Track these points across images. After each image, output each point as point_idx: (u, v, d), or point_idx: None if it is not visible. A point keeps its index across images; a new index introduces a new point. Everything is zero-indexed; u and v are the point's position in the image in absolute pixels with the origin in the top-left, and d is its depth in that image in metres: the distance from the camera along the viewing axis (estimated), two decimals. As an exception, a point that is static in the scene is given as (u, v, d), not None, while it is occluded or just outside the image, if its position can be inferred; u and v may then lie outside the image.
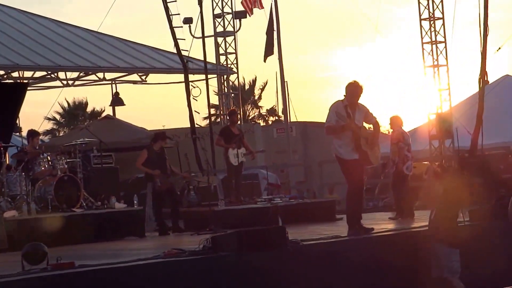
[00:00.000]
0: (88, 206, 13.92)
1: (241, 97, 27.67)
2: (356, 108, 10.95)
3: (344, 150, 10.89)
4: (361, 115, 11.00)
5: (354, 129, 10.76)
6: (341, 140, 10.90)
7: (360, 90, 10.99)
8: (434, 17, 22.12)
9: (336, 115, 10.75)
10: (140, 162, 14.47)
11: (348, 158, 10.87)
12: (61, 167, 13.80)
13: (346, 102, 10.90)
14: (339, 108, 10.83)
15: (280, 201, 15.56)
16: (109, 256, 9.75)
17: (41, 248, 8.87)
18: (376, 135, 11.23)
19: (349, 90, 10.94)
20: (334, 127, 10.81)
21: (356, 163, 10.88)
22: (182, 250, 9.33)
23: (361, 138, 10.84)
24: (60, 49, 21.45)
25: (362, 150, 10.85)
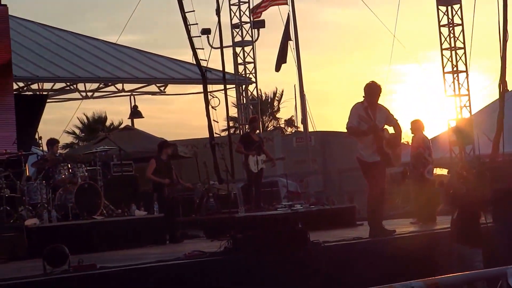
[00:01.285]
0: (108, 213, 13.92)
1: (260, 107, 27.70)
2: (377, 109, 10.91)
3: (365, 152, 10.85)
4: (382, 116, 10.96)
5: (376, 131, 10.71)
6: (362, 143, 10.87)
7: (379, 90, 10.94)
8: (453, 23, 22.08)
9: (359, 118, 10.69)
10: (150, 172, 14.60)
11: (370, 160, 10.82)
12: (82, 174, 13.82)
13: (366, 103, 10.84)
14: (360, 111, 10.77)
15: (300, 207, 15.51)
16: (129, 260, 9.75)
17: (62, 250, 8.88)
18: (398, 137, 11.18)
19: (367, 91, 10.88)
20: (356, 130, 10.76)
21: (377, 165, 10.84)
22: (203, 252, 9.32)
23: (383, 140, 10.79)
24: (79, 61, 21.55)
25: (384, 152, 10.80)
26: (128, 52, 23.46)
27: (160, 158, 14.73)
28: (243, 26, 23.77)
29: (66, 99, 23.61)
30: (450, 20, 22.08)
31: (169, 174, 14.62)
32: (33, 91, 21.37)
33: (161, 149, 14.87)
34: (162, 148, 14.86)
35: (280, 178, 19.89)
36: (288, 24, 24.83)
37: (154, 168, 14.53)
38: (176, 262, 8.78)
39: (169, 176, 14.59)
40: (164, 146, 14.93)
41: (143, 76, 22.29)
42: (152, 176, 14.54)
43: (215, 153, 19.55)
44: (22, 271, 9.44)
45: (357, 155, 10.94)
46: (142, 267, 8.56)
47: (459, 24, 22.10)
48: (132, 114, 24.54)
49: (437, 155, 19.91)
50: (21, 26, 22.40)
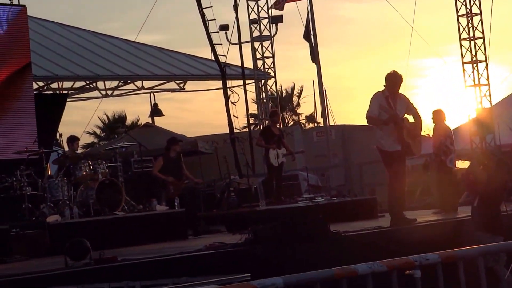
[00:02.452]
0: (129, 209, 13.97)
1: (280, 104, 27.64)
2: (397, 99, 10.93)
3: (385, 141, 10.86)
4: (403, 105, 10.97)
5: (397, 120, 10.71)
6: (383, 132, 10.87)
7: (400, 79, 10.96)
8: (472, 13, 21.96)
9: (380, 107, 10.72)
10: (156, 169, 14.78)
11: (390, 149, 10.83)
12: (102, 171, 13.87)
13: (387, 92, 10.88)
14: (381, 100, 10.81)
15: (321, 199, 15.50)
16: (151, 253, 9.79)
17: (83, 244, 8.93)
18: (418, 126, 11.17)
19: (389, 80, 10.91)
20: (376, 119, 10.77)
21: (398, 154, 10.83)
22: (224, 243, 9.34)
23: (403, 129, 10.79)
24: (98, 59, 21.63)
25: (404, 141, 10.79)
26: (147, 49, 23.52)
27: (168, 156, 14.83)
28: (261, 21, 23.75)
29: (86, 97, 23.70)
30: (468, 10, 21.96)
31: (178, 171, 14.71)
32: (53, 90, 21.47)
33: (169, 146, 14.97)
34: (171, 145, 14.94)
35: (301, 172, 19.85)
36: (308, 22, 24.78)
37: (162, 165, 14.68)
38: (197, 253, 8.80)
39: (178, 173, 14.65)
40: (172, 143, 15.01)
41: (162, 73, 22.33)
42: (158, 174, 14.73)
43: (235, 147, 19.56)
44: (44, 266, 9.51)
45: (377, 144, 10.96)
46: (163, 259, 8.59)
47: (477, 14, 21.98)
48: (152, 112, 24.57)
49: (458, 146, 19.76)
50: (40, 26, 22.50)
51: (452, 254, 4.90)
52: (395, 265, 4.69)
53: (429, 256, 4.76)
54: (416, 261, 4.72)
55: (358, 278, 4.45)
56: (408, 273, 4.65)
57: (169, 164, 14.74)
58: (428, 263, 4.72)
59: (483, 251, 4.91)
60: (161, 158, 14.92)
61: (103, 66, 21.30)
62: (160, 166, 14.75)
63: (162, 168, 14.73)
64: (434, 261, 4.75)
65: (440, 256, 4.81)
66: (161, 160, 14.82)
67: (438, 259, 4.77)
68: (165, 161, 14.79)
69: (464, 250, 4.99)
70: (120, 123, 39.17)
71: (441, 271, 4.81)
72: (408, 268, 4.69)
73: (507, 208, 11.06)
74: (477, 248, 4.97)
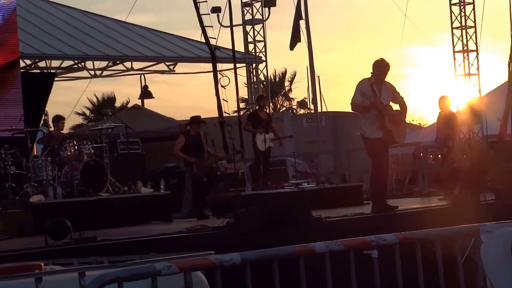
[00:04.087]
0: (114, 191, 13.90)
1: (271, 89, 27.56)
2: (383, 86, 10.94)
3: (368, 128, 10.88)
4: (388, 93, 10.99)
5: (378, 107, 10.71)
6: (366, 119, 10.90)
7: (387, 67, 10.99)
8: (465, 2, 21.89)
9: (361, 94, 10.73)
10: (178, 148, 14.46)
11: (372, 136, 10.85)
12: (87, 152, 13.78)
13: (373, 80, 10.89)
14: (365, 87, 10.82)
15: (308, 185, 15.47)
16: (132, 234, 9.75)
17: (64, 223, 8.89)
18: (403, 114, 11.19)
19: (376, 68, 10.94)
20: (359, 105, 10.80)
21: (380, 141, 10.85)
22: (206, 226, 9.31)
23: (385, 116, 10.79)
24: (87, 39, 21.44)
25: (387, 129, 10.82)
26: (137, 30, 23.34)
27: (189, 134, 14.61)
28: (254, 4, 23.62)
29: (75, 77, 23.52)
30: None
31: (199, 150, 14.50)
32: (40, 69, 21.31)
33: (191, 124, 14.73)
34: (192, 123, 14.71)
35: (288, 157, 19.81)
36: (299, 3, 24.68)
37: (183, 144, 14.43)
38: (177, 235, 8.76)
39: (199, 152, 14.47)
40: (195, 122, 14.75)
41: (152, 54, 22.17)
42: (179, 153, 14.47)
43: (224, 131, 19.48)
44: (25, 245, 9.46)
45: (360, 131, 11.02)
46: (143, 239, 8.55)
47: (470, 3, 21.90)
48: (143, 94, 24.48)
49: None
50: (29, 3, 22.26)
51: (409, 235, 4.94)
52: (352, 244, 4.70)
53: (386, 236, 4.81)
54: (373, 241, 4.75)
55: (317, 257, 4.46)
56: (365, 252, 4.68)
57: (190, 143, 14.46)
58: (385, 244, 4.73)
59: (440, 234, 4.93)
60: (182, 136, 14.64)
61: (92, 45, 21.12)
62: (181, 145, 14.45)
63: (183, 146, 14.46)
64: (392, 242, 4.79)
65: (398, 237, 4.84)
66: (182, 139, 14.55)
67: (395, 240, 4.81)
68: (186, 139, 14.52)
69: (421, 232, 5.03)
70: (109, 104, 39.00)
71: (398, 251, 4.84)
72: (366, 248, 4.71)
73: (486, 198, 11.05)
74: (434, 231, 5.00)
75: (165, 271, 3.93)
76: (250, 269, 4.32)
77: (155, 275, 3.93)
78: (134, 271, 3.92)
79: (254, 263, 4.31)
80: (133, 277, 3.86)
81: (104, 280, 3.72)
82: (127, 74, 23.65)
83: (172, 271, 3.96)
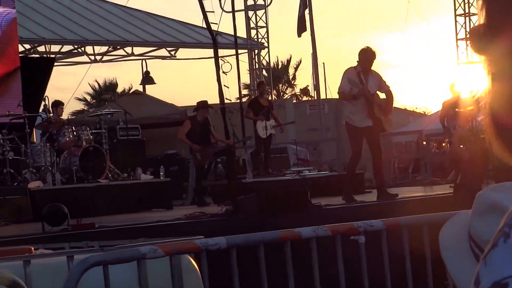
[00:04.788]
0: (114, 177, 13.79)
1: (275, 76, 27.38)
2: (369, 75, 10.96)
3: (356, 117, 10.86)
4: (375, 82, 10.99)
5: (366, 95, 10.72)
6: (354, 107, 10.88)
7: (373, 56, 11.00)
8: (469, -11, 21.75)
9: (348, 81, 10.75)
10: (183, 133, 14.24)
11: (360, 125, 10.82)
12: (86, 137, 13.66)
13: (359, 68, 10.92)
14: (352, 75, 10.84)
15: (309, 173, 15.35)
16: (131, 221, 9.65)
17: (61, 209, 8.78)
18: (390, 102, 11.22)
19: (362, 56, 10.96)
20: (347, 94, 10.82)
21: (369, 130, 10.83)
22: (204, 213, 9.20)
23: (374, 105, 10.80)
24: (87, 23, 21.24)
25: (376, 117, 10.81)
26: (138, 15, 23.14)
27: (195, 119, 14.39)
28: (256, -11, 23.45)
29: (75, 62, 23.37)
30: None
31: (205, 136, 14.31)
32: (39, 54, 21.15)
33: (197, 109, 14.52)
34: (199, 108, 14.49)
35: (290, 145, 19.68)
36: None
37: (189, 129, 14.22)
38: (175, 222, 8.65)
39: (205, 138, 14.27)
40: (201, 106, 14.51)
41: (153, 39, 22.00)
42: (184, 138, 14.25)
43: (225, 118, 19.32)
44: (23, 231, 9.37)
45: (346, 120, 10.99)
46: (140, 226, 8.44)
47: (474, -10, 21.75)
48: (144, 80, 24.32)
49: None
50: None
51: (396, 221, 4.92)
52: (339, 230, 4.72)
53: (373, 222, 4.82)
54: (360, 227, 4.74)
55: (303, 242, 4.43)
56: (352, 238, 4.64)
57: (197, 128, 14.22)
58: (372, 229, 4.72)
59: (427, 220, 4.88)
60: (188, 121, 14.40)
61: (92, 30, 20.93)
62: (186, 130, 14.19)
63: (189, 132, 14.23)
64: (379, 228, 4.78)
65: (385, 224, 4.82)
66: (188, 124, 14.29)
67: (382, 226, 4.80)
68: (192, 125, 14.27)
69: (409, 218, 5.06)
70: (111, 90, 38.85)
71: (385, 237, 4.81)
72: (353, 233, 4.67)
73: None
74: (421, 217, 4.95)
75: (150, 255, 3.91)
76: (239, 253, 4.26)
77: (140, 258, 3.89)
78: (118, 255, 3.91)
79: (241, 248, 4.29)
80: (117, 260, 3.84)
81: (88, 263, 3.70)
82: (128, 60, 23.50)
83: (157, 255, 3.95)
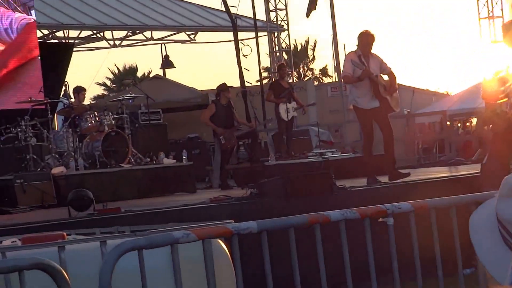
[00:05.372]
0: (136, 162, 13.76)
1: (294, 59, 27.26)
2: (370, 57, 11.04)
3: (362, 99, 10.92)
4: (376, 64, 11.07)
5: (371, 76, 10.79)
6: (359, 90, 10.95)
7: (372, 39, 11.07)
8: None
9: (352, 63, 10.83)
10: (207, 116, 14.19)
11: (367, 107, 10.87)
12: (108, 123, 13.60)
13: (360, 52, 11.01)
14: (353, 58, 10.93)
15: (332, 155, 15.27)
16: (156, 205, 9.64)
17: (86, 195, 8.77)
18: (393, 83, 11.23)
19: (361, 40, 11.05)
20: (351, 77, 10.88)
21: (377, 111, 10.88)
22: (229, 196, 9.17)
23: (379, 86, 10.85)
24: (106, 8, 21.17)
25: (382, 97, 10.86)
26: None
27: (219, 103, 14.35)
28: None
29: (94, 47, 23.36)
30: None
31: (229, 119, 14.29)
32: (58, 39, 21.12)
33: (219, 93, 14.49)
34: (220, 92, 14.45)
35: (312, 127, 19.60)
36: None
37: (213, 113, 14.17)
38: (200, 206, 8.61)
39: (229, 121, 14.24)
40: (222, 89, 14.46)
41: (172, 23, 21.92)
42: (208, 122, 14.21)
43: (246, 101, 19.28)
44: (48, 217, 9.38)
45: (353, 103, 11.08)
46: (166, 210, 8.41)
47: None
48: (164, 64, 24.28)
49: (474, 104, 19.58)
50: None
51: (424, 203, 4.87)
52: (367, 213, 4.69)
53: (401, 205, 4.80)
54: (388, 210, 4.72)
55: (332, 225, 4.41)
56: (381, 220, 4.62)
57: (221, 112, 14.16)
58: (400, 212, 4.71)
59: (455, 201, 4.84)
60: (213, 104, 14.34)
61: (110, 15, 20.86)
62: (211, 113, 14.14)
63: (213, 115, 14.16)
64: (407, 210, 4.76)
65: (413, 205, 4.79)
66: (212, 107, 14.24)
67: (410, 208, 4.78)
68: (216, 108, 14.21)
69: (437, 200, 4.96)
70: (130, 75, 38.88)
71: (413, 219, 4.78)
72: (381, 216, 4.70)
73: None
74: (449, 199, 4.91)
75: (183, 239, 3.95)
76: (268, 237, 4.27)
77: (174, 243, 3.94)
78: (152, 239, 3.96)
79: (270, 232, 4.29)
80: (151, 245, 3.89)
81: (123, 248, 3.75)
82: (147, 44, 23.45)
83: (190, 239, 3.99)
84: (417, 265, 4.82)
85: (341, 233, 4.55)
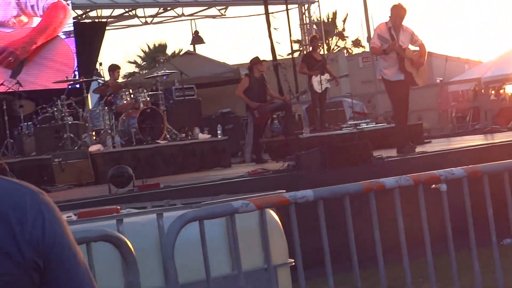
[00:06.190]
0: (172, 138, 13.86)
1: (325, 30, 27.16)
2: (400, 30, 11.23)
3: (389, 71, 11.20)
4: (406, 37, 11.27)
5: (397, 50, 11.01)
6: (386, 62, 11.23)
7: (404, 11, 11.29)
8: None
9: (378, 38, 11.10)
10: (241, 90, 14.21)
11: (393, 79, 11.20)
12: (143, 100, 13.69)
13: (390, 24, 11.23)
14: (382, 31, 11.16)
15: (366, 126, 15.25)
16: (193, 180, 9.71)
17: (126, 171, 8.86)
18: (422, 57, 11.43)
19: (393, 12, 11.28)
20: (378, 49, 11.18)
21: (401, 84, 11.19)
22: (266, 169, 9.21)
23: (405, 59, 11.07)
24: (138, -14, 21.30)
25: (407, 71, 11.10)
26: (187, -25, 23.10)
27: (253, 76, 14.37)
28: None
29: (126, 25, 23.45)
30: None
31: (262, 93, 14.33)
32: (91, 19, 21.25)
33: (252, 66, 14.51)
34: (253, 65, 14.47)
35: (345, 99, 19.55)
36: None
37: (246, 86, 14.20)
38: (240, 179, 8.68)
39: (262, 95, 14.29)
40: (255, 63, 14.48)
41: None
42: (242, 95, 14.23)
43: (279, 74, 19.26)
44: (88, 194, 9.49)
45: (381, 74, 11.45)
46: (205, 185, 8.48)
47: None
48: (194, 40, 24.31)
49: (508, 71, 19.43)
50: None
51: (477, 169, 4.89)
52: (421, 179, 4.73)
53: (454, 170, 4.80)
54: (441, 176, 4.75)
55: (386, 192, 4.44)
56: (434, 187, 4.64)
57: (254, 85, 14.18)
58: (453, 177, 4.73)
59: (508, 166, 4.85)
60: (246, 78, 14.37)
61: (143, -7, 20.97)
62: (244, 87, 14.16)
63: (246, 89, 14.19)
64: (460, 176, 4.77)
65: (466, 171, 4.80)
66: (246, 81, 14.27)
67: (464, 173, 4.79)
68: (250, 82, 14.22)
69: (490, 165, 5.00)
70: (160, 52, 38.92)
71: (467, 185, 4.78)
72: (434, 182, 4.71)
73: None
74: (502, 163, 4.90)
75: (242, 209, 4.03)
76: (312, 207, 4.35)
77: (233, 212, 4.02)
78: (213, 210, 4.06)
79: (325, 200, 4.36)
80: (212, 215, 4.00)
81: (186, 219, 3.85)
82: (179, 20, 23.49)
83: (249, 209, 4.06)
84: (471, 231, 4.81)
85: (395, 200, 4.60)
